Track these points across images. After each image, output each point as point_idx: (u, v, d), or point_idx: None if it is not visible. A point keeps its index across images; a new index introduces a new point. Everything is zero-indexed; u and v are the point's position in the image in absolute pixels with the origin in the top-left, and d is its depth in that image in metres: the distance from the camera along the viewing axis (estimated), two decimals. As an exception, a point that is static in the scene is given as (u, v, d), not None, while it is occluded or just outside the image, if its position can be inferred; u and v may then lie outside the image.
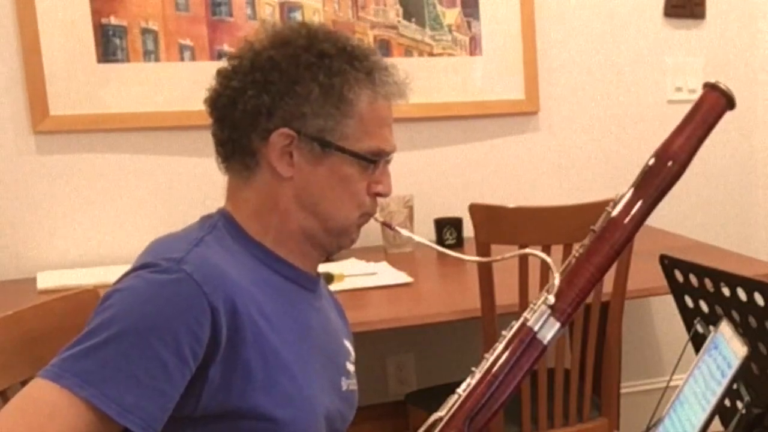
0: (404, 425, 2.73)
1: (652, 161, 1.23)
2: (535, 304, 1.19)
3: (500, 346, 1.18)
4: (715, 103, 1.24)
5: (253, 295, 1.24)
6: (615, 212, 1.22)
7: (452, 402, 1.16)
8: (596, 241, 1.21)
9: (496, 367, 1.17)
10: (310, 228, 1.31)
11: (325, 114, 1.27)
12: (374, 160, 1.30)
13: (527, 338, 1.17)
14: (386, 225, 1.39)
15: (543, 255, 1.30)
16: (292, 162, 1.28)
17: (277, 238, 1.31)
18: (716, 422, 1.24)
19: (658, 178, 1.22)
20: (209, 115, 1.33)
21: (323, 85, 1.26)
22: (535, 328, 1.17)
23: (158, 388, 1.13)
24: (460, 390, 1.17)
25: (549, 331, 1.17)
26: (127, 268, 1.24)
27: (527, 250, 1.42)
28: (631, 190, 1.23)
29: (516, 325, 1.19)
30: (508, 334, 1.19)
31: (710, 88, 1.25)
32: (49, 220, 2.71)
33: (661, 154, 1.23)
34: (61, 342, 1.30)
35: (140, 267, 1.20)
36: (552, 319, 1.17)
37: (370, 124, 1.29)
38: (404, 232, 1.43)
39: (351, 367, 1.42)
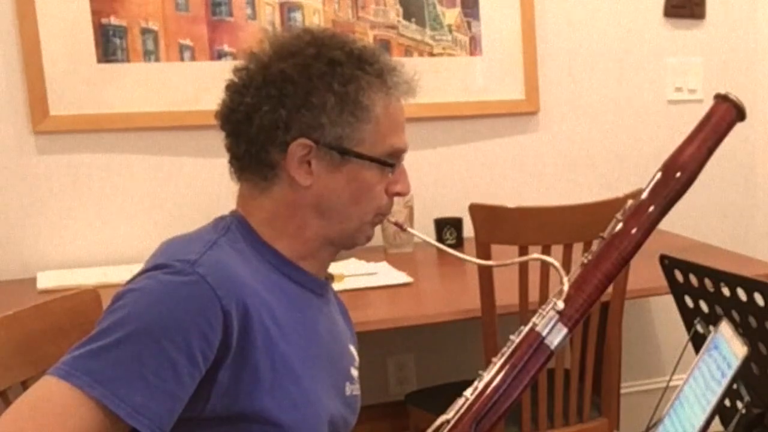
0: (404, 425, 2.74)
1: (661, 171, 1.24)
2: (543, 309, 1.19)
3: (508, 351, 1.19)
4: (725, 114, 1.24)
5: (265, 300, 1.24)
6: (624, 220, 1.22)
7: (459, 405, 1.17)
8: (605, 248, 1.21)
9: (503, 372, 1.17)
10: (327, 233, 1.31)
11: (342, 122, 1.26)
12: (392, 163, 1.30)
13: (535, 343, 1.18)
14: (398, 225, 1.39)
15: (552, 260, 1.30)
16: (311, 171, 1.27)
17: (291, 243, 1.30)
18: (716, 422, 1.24)
19: (668, 187, 1.23)
20: (221, 128, 1.32)
21: (338, 94, 1.26)
22: (543, 333, 1.18)
23: (168, 389, 1.13)
24: (467, 393, 1.17)
25: (556, 336, 1.18)
26: (127, 268, 1.24)
27: (538, 256, 1.42)
28: (641, 198, 1.23)
29: (525, 329, 1.19)
30: (516, 338, 1.19)
31: (721, 99, 1.25)
32: (49, 220, 2.71)
33: (671, 163, 1.24)
34: (61, 342, 1.31)
35: (154, 267, 1.20)
36: (560, 324, 1.18)
37: (386, 126, 1.29)
38: (417, 234, 1.43)
39: (355, 372, 1.42)
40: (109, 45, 2.69)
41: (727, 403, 1.34)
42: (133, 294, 1.18)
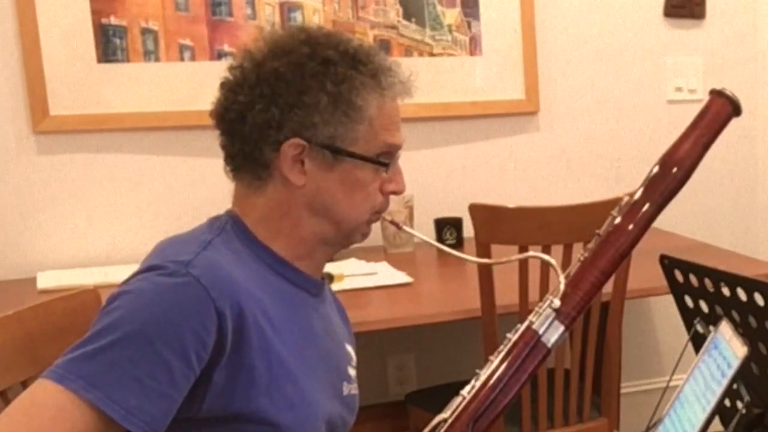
0: (404, 425, 2.73)
1: (657, 167, 1.24)
2: (540, 307, 1.19)
3: (505, 349, 1.19)
4: (720, 109, 1.24)
5: (259, 300, 1.24)
6: (620, 217, 1.22)
7: (456, 404, 1.17)
8: (602, 245, 1.21)
9: (500, 370, 1.17)
10: (322, 232, 1.31)
11: (335, 122, 1.26)
12: (386, 162, 1.30)
13: (532, 341, 1.18)
14: (394, 224, 1.38)
15: (548, 258, 1.31)
16: (304, 170, 1.27)
17: (286, 243, 1.30)
18: (716, 422, 1.24)
19: (664, 183, 1.22)
20: (216, 127, 1.32)
21: (331, 94, 1.25)
22: (540, 331, 1.18)
23: (162, 391, 1.13)
24: (464, 392, 1.17)
25: (553, 334, 1.18)
26: (127, 268, 1.23)
27: (534, 253, 1.42)
28: (637, 195, 1.23)
29: (521, 328, 1.19)
30: (513, 336, 1.19)
31: (716, 94, 1.25)
32: (49, 220, 2.71)
33: (667, 160, 1.24)
34: (61, 342, 1.31)
35: (147, 269, 1.20)
36: (557, 322, 1.18)
37: (379, 126, 1.28)
38: (414, 232, 1.43)
39: (352, 372, 1.42)
40: (109, 45, 2.69)
41: (727, 403, 1.34)
42: (127, 296, 1.17)
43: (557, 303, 1.18)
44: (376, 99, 1.28)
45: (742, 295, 1.26)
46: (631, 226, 1.22)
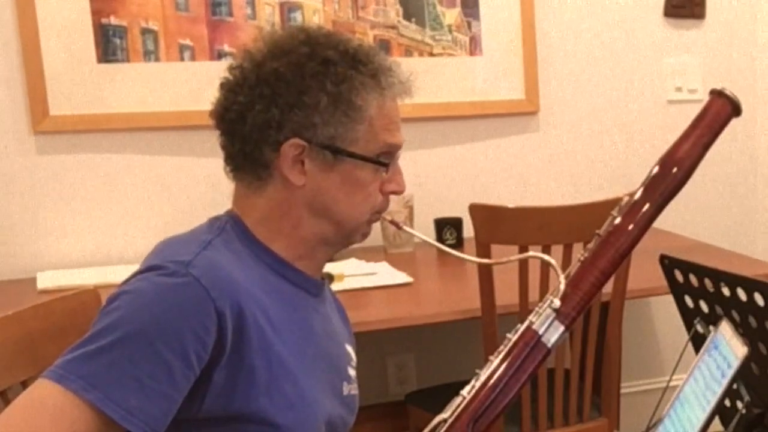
0: (404, 425, 2.73)
1: (657, 167, 1.24)
2: (540, 307, 1.19)
3: (505, 349, 1.19)
4: (720, 109, 1.24)
5: (259, 300, 1.24)
6: (620, 217, 1.22)
7: (456, 404, 1.17)
8: (602, 245, 1.21)
9: (500, 370, 1.17)
10: (322, 232, 1.31)
11: (335, 122, 1.26)
12: (386, 162, 1.30)
13: (532, 341, 1.18)
14: (394, 224, 1.38)
15: (548, 258, 1.31)
16: (304, 170, 1.27)
17: (287, 243, 1.30)
18: (716, 422, 1.24)
19: (664, 184, 1.23)
20: (216, 127, 1.32)
21: (331, 94, 1.25)
22: (540, 331, 1.18)
23: (162, 391, 1.13)
24: (464, 392, 1.17)
25: (553, 334, 1.18)
26: (126, 268, 1.23)
27: (534, 253, 1.42)
28: (637, 195, 1.23)
29: (521, 328, 1.19)
30: (513, 336, 1.19)
31: (716, 94, 1.25)
32: (49, 220, 2.71)
33: (667, 160, 1.24)
34: (61, 342, 1.31)
35: (147, 269, 1.20)
36: (557, 322, 1.18)
37: (379, 126, 1.28)
38: (414, 232, 1.43)
39: (352, 372, 1.42)
40: (109, 45, 2.69)
41: (727, 403, 1.34)
42: (127, 296, 1.17)
43: (557, 303, 1.18)
44: (376, 99, 1.28)
45: (742, 295, 1.26)
46: (631, 226, 1.22)
